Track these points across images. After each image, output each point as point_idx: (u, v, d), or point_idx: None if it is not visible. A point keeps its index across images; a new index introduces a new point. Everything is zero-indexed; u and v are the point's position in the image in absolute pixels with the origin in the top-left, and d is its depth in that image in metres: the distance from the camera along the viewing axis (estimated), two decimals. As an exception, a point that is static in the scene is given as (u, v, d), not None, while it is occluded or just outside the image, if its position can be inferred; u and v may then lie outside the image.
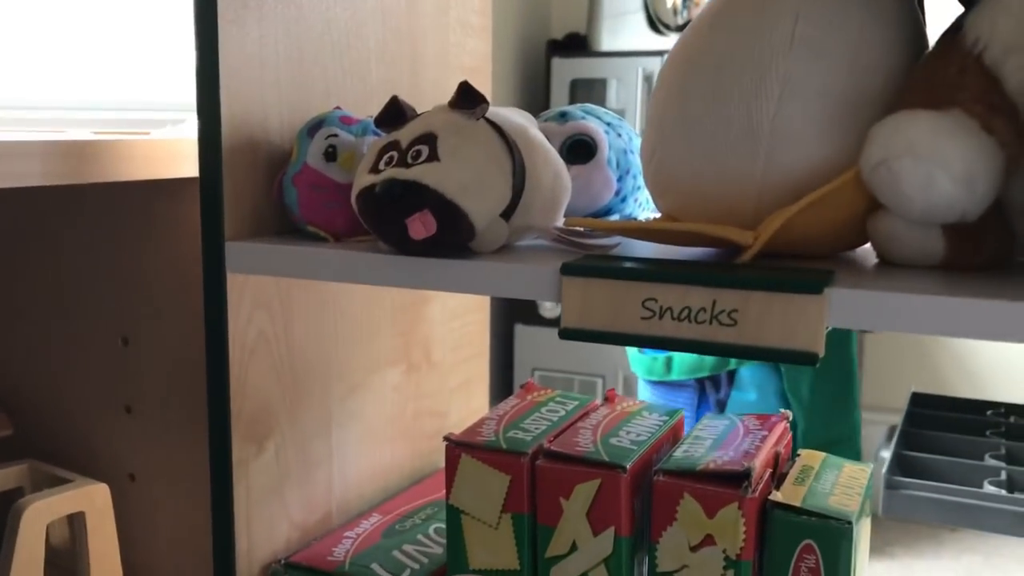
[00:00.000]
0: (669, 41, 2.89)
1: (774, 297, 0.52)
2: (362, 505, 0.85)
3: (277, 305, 0.73)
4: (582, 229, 0.66)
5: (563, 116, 0.75)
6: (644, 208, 0.77)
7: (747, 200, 0.58)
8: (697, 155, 0.59)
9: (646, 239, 0.62)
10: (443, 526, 0.80)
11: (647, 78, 2.86)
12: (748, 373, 1.46)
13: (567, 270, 0.56)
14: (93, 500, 0.75)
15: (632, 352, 1.58)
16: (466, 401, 1.02)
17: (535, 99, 3.05)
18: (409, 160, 0.60)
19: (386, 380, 0.88)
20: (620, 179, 0.74)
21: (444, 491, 0.87)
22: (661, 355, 1.51)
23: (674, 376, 1.48)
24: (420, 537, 0.78)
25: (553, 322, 2.94)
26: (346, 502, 0.83)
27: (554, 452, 0.65)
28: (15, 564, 0.71)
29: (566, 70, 2.92)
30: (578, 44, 2.98)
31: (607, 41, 2.95)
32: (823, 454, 0.71)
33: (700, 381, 1.47)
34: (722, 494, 0.60)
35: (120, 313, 0.80)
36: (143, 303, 0.79)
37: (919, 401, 1.41)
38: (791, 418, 0.73)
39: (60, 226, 0.83)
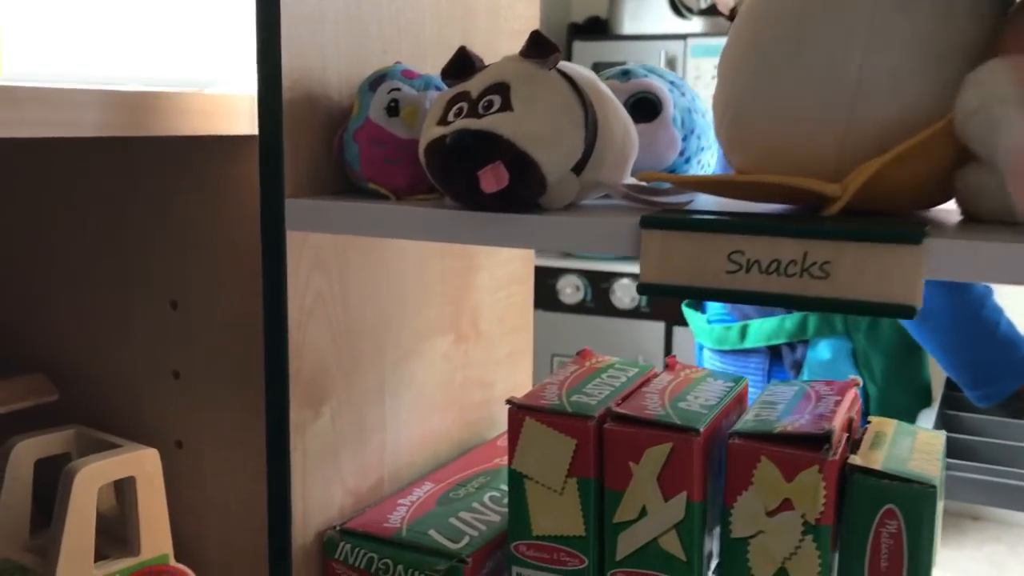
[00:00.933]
0: (692, 25, 2.86)
1: (870, 248, 0.50)
2: (413, 473, 0.84)
3: (334, 267, 0.72)
4: (652, 186, 0.65)
5: (625, 74, 0.73)
6: (707, 170, 0.75)
7: (828, 154, 0.56)
8: (776, 107, 0.57)
9: (725, 194, 0.60)
10: (497, 494, 0.79)
11: (669, 61, 2.84)
12: (823, 342, 1.43)
13: (647, 223, 0.54)
14: (143, 465, 0.74)
15: (697, 323, 1.54)
16: (511, 373, 1.00)
17: (558, 82, 3.02)
18: (480, 110, 0.58)
19: (436, 348, 0.86)
20: (684, 139, 0.72)
21: (495, 461, 0.86)
22: (735, 324, 1.48)
23: (749, 344, 1.45)
24: (476, 505, 0.76)
25: (572, 307, 2.93)
26: (397, 470, 0.82)
27: (623, 415, 0.63)
28: (67, 528, 0.69)
29: (587, 54, 2.89)
30: (599, 28, 2.96)
31: (629, 25, 2.92)
32: (894, 421, 0.69)
33: (773, 346, 1.44)
34: (802, 457, 0.58)
35: (170, 276, 0.79)
36: (194, 266, 0.78)
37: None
38: (861, 384, 0.71)
39: (110, 184, 0.81)
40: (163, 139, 0.73)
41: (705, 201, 0.65)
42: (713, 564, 0.66)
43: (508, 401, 0.67)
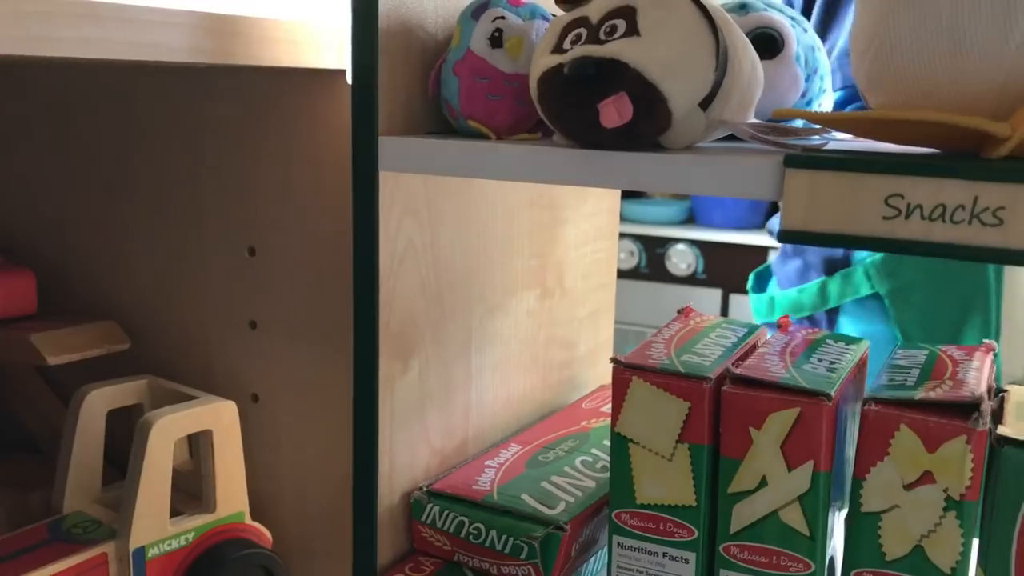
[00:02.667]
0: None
1: (1051, 193, 0.44)
2: (496, 434, 0.79)
3: (425, 213, 0.67)
4: (781, 126, 0.59)
5: (743, 7, 0.67)
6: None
7: (990, 91, 0.50)
8: (932, 39, 0.51)
9: (871, 134, 0.54)
10: (589, 459, 0.74)
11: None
12: (852, 309, 1.37)
13: (792, 162, 0.49)
14: (220, 418, 0.70)
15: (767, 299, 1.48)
16: (594, 332, 0.95)
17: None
18: (602, 36, 0.53)
19: (522, 304, 0.81)
20: (807, 79, 0.66)
21: (582, 424, 0.82)
22: (764, 295, 1.43)
23: (776, 316, 1.40)
24: (567, 469, 0.72)
25: (626, 273, 2.87)
26: (481, 430, 0.77)
27: (744, 377, 0.58)
28: (143, 482, 0.66)
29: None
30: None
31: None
32: (1031, 390, 0.63)
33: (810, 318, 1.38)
34: (948, 425, 0.53)
35: (247, 220, 0.74)
36: (274, 210, 0.73)
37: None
38: (995, 350, 0.65)
39: (187, 118, 0.77)
40: (241, 71, 0.69)
41: (839, 147, 0.59)
42: (837, 540, 0.61)
43: (613, 359, 0.62)
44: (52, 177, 0.85)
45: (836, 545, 0.63)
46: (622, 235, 2.86)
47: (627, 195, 3.26)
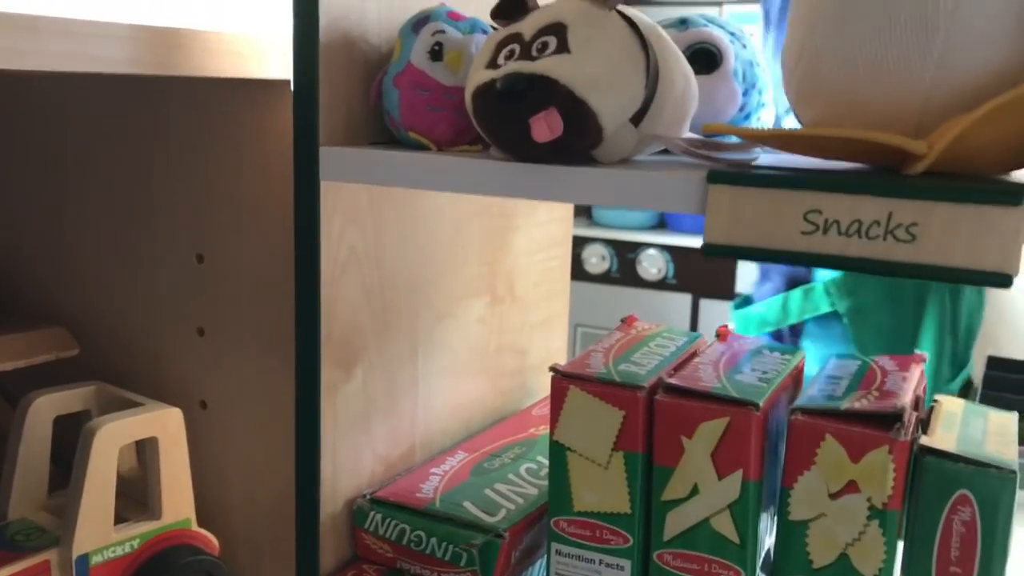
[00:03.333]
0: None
1: (962, 209, 0.45)
2: (445, 441, 0.80)
3: (369, 221, 0.68)
4: (712, 141, 0.60)
5: (683, 23, 0.69)
6: (765, 127, 0.71)
7: (911, 108, 0.52)
8: (856, 56, 0.52)
9: (797, 149, 0.55)
10: (534, 466, 0.75)
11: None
12: (813, 329, 1.38)
13: (715, 177, 0.50)
14: (166, 425, 0.70)
15: (739, 316, 1.49)
16: (546, 339, 0.96)
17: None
18: (534, 53, 0.54)
19: (471, 311, 0.82)
20: (745, 93, 0.67)
21: (530, 431, 0.83)
22: (740, 312, 1.44)
23: (744, 331, 1.41)
24: (511, 476, 0.73)
25: (598, 277, 2.89)
26: (429, 437, 0.78)
27: (676, 386, 0.59)
28: (86, 489, 0.66)
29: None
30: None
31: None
32: (962, 400, 0.65)
33: (776, 335, 1.39)
34: (871, 436, 0.54)
35: (196, 227, 0.75)
36: (221, 218, 0.74)
37: (995, 365, 1.33)
38: (926, 359, 0.66)
39: (135, 128, 0.77)
40: (191, 80, 0.70)
41: (769, 161, 0.60)
42: (767, 547, 0.62)
43: (552, 368, 0.63)
44: (2, 184, 0.85)
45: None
46: (593, 240, 2.88)
47: (599, 200, 3.25)
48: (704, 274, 2.76)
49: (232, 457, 0.77)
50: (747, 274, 2.55)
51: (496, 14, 0.58)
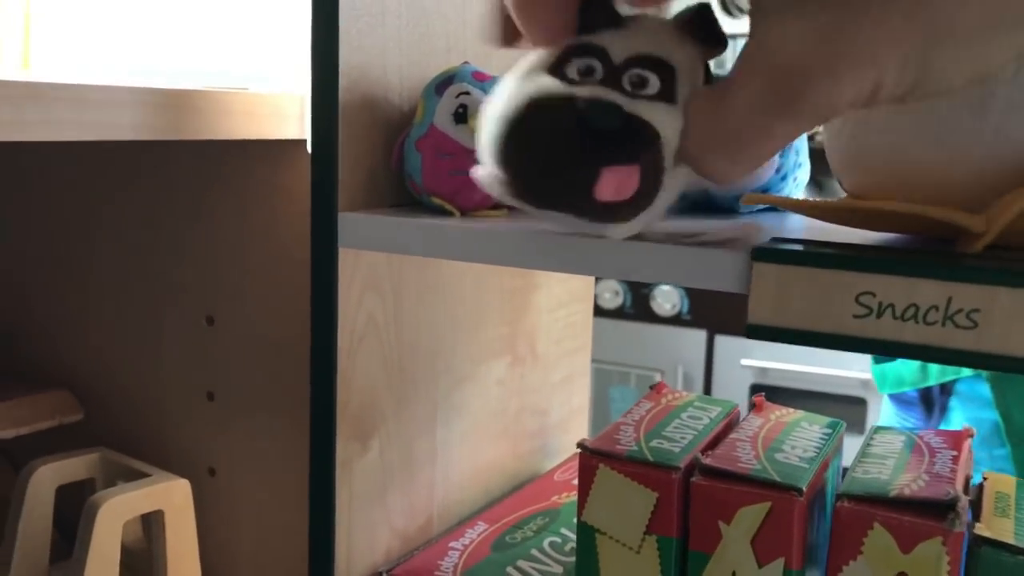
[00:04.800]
0: (743, 25, 2.78)
1: (1028, 296, 0.42)
2: (463, 510, 0.77)
3: (388, 288, 0.65)
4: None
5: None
6: (802, 188, 0.68)
7: (966, 179, 0.49)
8: (905, 119, 0.49)
9: (842, 221, 0.52)
10: (558, 540, 0.72)
11: (719, 64, 2.75)
12: (964, 392, 1.26)
13: (760, 255, 0.47)
14: (173, 497, 0.67)
15: (876, 370, 1.38)
16: (567, 398, 0.93)
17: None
18: (627, 85, 0.43)
19: (491, 373, 0.79)
20: (783, 154, 0.65)
21: (552, 499, 0.79)
22: (877, 367, 1.34)
23: (886, 389, 1.31)
24: (534, 552, 0.69)
25: (610, 312, 2.86)
26: (447, 507, 0.75)
27: (714, 468, 0.56)
28: (89, 564, 0.63)
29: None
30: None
31: (678, 24, 2.84)
32: (1012, 477, 0.61)
33: (924, 395, 1.29)
34: (923, 526, 0.51)
35: (207, 290, 0.72)
36: (233, 280, 0.71)
37: None
38: (975, 435, 0.63)
39: (143, 189, 0.75)
40: (203, 142, 0.67)
41: (792, 228, 0.58)
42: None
43: (579, 445, 0.60)
44: (8, 246, 0.82)
45: (810, 640, 0.61)
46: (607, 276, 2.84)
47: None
48: (719, 310, 2.73)
49: (241, 527, 0.74)
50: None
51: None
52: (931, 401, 1.27)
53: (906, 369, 1.27)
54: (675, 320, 2.82)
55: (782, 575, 0.54)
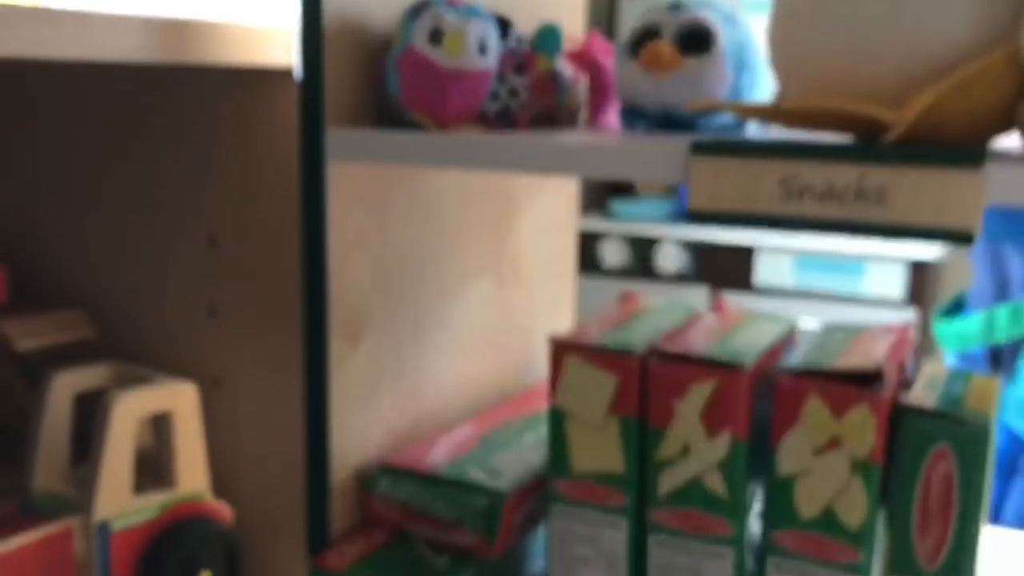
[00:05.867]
0: None
1: (928, 172, 0.48)
2: (451, 417, 0.83)
3: (374, 201, 0.70)
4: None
5: (676, 8, 0.71)
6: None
7: (888, 79, 0.54)
8: (834, 28, 0.55)
9: (779, 121, 0.58)
10: (537, 438, 0.78)
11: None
12: None
13: (698, 149, 0.52)
14: (181, 399, 0.73)
15: (939, 326, 1.32)
16: (552, 321, 0.99)
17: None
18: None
19: (475, 291, 0.85)
20: (737, 74, 0.70)
21: (535, 407, 0.85)
22: (943, 323, 1.28)
23: (962, 345, 1.23)
24: (515, 446, 0.75)
25: (614, 272, 2.91)
26: (435, 412, 0.81)
27: (668, 352, 0.62)
28: (106, 458, 0.69)
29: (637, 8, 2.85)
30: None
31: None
32: (947, 366, 0.67)
33: (993, 353, 1.21)
34: (852, 393, 0.57)
35: (208, 212, 0.78)
36: (232, 201, 0.77)
37: None
38: (912, 326, 0.69)
39: (148, 116, 0.80)
40: (201, 70, 0.73)
41: (754, 135, 0.63)
42: (757, 504, 0.64)
43: (551, 338, 0.65)
44: (19, 173, 0.88)
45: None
46: (608, 234, 2.89)
47: (615, 193, 3.29)
48: (722, 267, 2.77)
49: (245, 432, 0.80)
50: (766, 266, 2.56)
51: None
52: (1000, 359, 1.22)
53: (971, 327, 1.22)
54: (678, 278, 2.87)
55: (729, 445, 0.60)
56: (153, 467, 0.76)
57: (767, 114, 0.57)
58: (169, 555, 0.71)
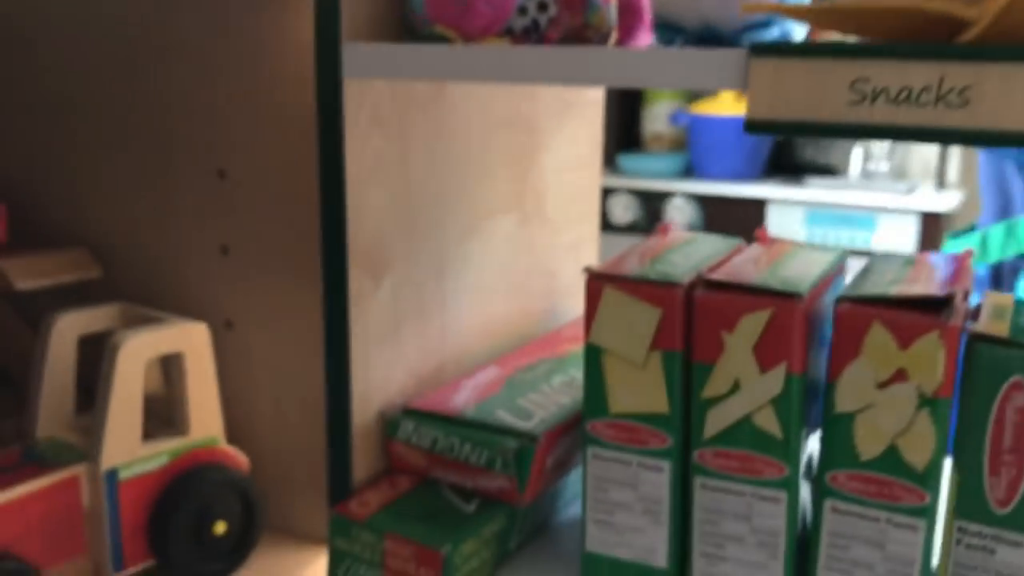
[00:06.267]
0: None
1: (1017, 70, 0.43)
2: (473, 359, 0.79)
3: (395, 125, 0.66)
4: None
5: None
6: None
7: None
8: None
9: (840, 26, 0.53)
10: (566, 379, 0.74)
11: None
12: None
13: (757, 50, 0.48)
14: (192, 339, 0.69)
15: (944, 247, 1.34)
16: (576, 263, 0.94)
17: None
18: None
19: (499, 228, 0.80)
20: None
21: (562, 349, 0.81)
22: (959, 239, 1.29)
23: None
24: (544, 388, 0.71)
25: (623, 228, 2.86)
26: (459, 354, 0.77)
27: (716, 281, 0.57)
28: (113, 402, 0.65)
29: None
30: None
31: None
32: (1011, 296, 0.62)
33: (994, 272, 1.23)
34: (920, 321, 0.52)
35: (217, 143, 0.73)
36: (242, 130, 0.72)
37: None
38: (975, 255, 0.64)
39: (152, 40, 0.75)
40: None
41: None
42: (812, 443, 0.60)
43: (586, 269, 0.61)
44: (20, 106, 0.83)
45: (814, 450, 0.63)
46: (618, 190, 2.85)
47: (625, 148, 3.24)
48: (732, 221, 2.72)
49: (260, 376, 0.76)
50: (777, 220, 2.51)
51: None
52: (1000, 278, 1.23)
53: (964, 244, 1.23)
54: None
55: (784, 380, 0.56)
56: (164, 413, 0.72)
57: (830, 17, 0.52)
58: (182, 504, 0.67)
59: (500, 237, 0.81)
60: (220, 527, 0.69)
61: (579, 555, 0.64)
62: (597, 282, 0.60)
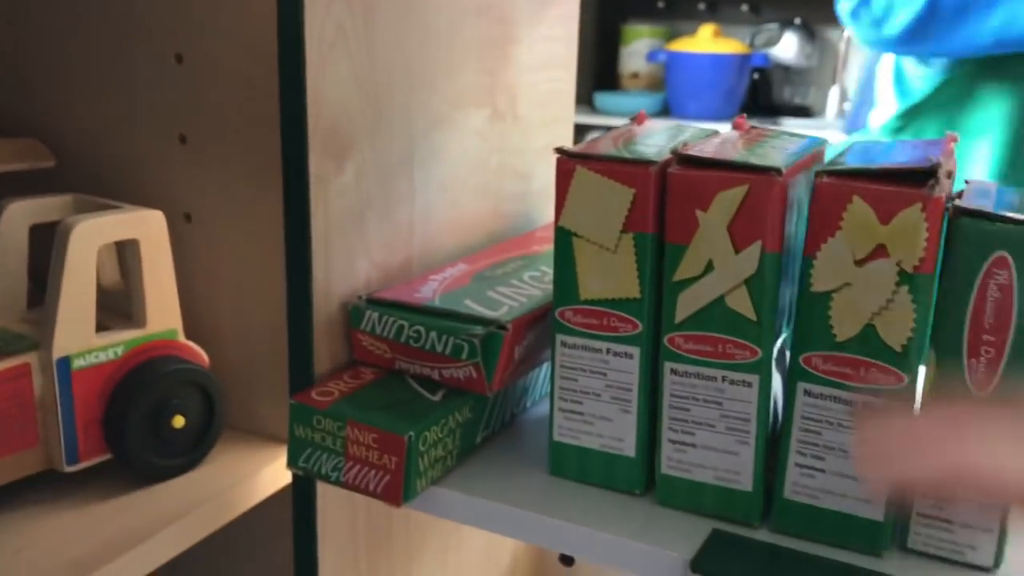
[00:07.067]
0: None
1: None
2: (442, 257, 0.76)
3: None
4: None
5: None
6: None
7: None
8: None
9: None
10: (537, 274, 0.71)
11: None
12: None
13: None
14: (147, 226, 0.66)
15: None
16: (550, 167, 0.91)
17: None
18: None
19: (470, 121, 0.78)
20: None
21: (533, 248, 0.79)
22: None
23: None
24: (514, 282, 0.69)
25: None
26: (427, 251, 0.74)
27: (692, 156, 0.55)
28: (65, 289, 0.62)
29: None
30: None
31: None
32: (994, 182, 0.60)
33: None
34: (902, 193, 0.50)
35: (174, 24, 0.70)
36: (201, 10, 0.69)
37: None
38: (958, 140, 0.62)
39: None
40: None
41: None
42: (785, 323, 0.59)
43: (557, 150, 0.59)
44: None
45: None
46: (595, 127, 2.82)
47: (601, 87, 3.20)
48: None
49: (220, 271, 0.73)
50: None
51: None
52: None
53: None
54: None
55: (758, 259, 0.54)
56: (122, 308, 0.70)
57: None
58: (138, 396, 0.65)
59: (470, 131, 0.78)
60: (179, 421, 0.67)
61: (547, 446, 0.62)
62: (569, 162, 0.58)
